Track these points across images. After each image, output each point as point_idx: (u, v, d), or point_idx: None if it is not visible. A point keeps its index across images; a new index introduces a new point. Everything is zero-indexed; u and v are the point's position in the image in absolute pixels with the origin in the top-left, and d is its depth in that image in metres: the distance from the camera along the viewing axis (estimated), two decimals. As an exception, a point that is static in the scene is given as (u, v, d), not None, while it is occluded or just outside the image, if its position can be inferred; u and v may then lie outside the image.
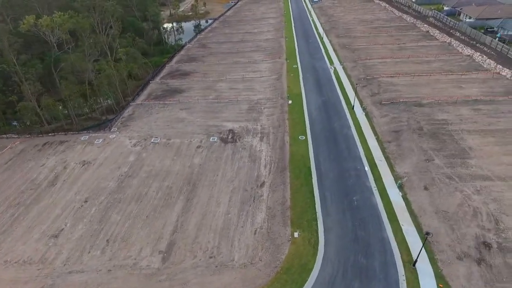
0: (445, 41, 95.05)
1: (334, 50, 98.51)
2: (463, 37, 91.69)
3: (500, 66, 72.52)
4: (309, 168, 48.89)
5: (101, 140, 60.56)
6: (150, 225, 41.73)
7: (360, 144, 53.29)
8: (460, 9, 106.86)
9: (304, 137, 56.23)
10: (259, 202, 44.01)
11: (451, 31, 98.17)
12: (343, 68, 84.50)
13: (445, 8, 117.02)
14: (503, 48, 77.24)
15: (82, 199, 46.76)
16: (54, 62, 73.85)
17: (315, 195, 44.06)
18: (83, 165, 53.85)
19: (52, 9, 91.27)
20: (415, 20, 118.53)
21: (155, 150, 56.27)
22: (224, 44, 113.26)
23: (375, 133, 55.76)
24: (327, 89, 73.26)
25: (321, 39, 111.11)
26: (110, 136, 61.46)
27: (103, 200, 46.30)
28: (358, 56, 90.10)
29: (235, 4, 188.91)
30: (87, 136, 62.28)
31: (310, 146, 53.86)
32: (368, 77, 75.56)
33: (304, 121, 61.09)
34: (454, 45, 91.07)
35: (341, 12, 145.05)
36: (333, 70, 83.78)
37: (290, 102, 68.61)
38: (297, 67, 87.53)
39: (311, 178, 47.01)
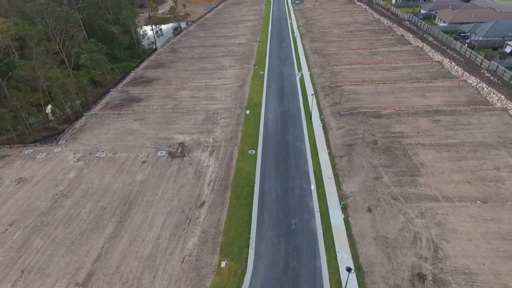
0: (418, 46, 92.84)
1: (305, 55, 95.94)
2: (435, 42, 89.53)
3: (467, 74, 70.31)
4: (252, 187, 46.21)
5: (44, 154, 57.45)
6: (73, 252, 38.82)
7: (311, 159, 50.72)
8: (435, 12, 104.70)
9: (254, 152, 53.55)
10: (194, 225, 41.27)
11: (424, 35, 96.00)
12: (310, 75, 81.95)
13: (422, 11, 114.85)
14: (471, 55, 75.08)
15: (8, 222, 43.73)
16: (1, 70, 70.39)
17: (252, 217, 41.39)
18: (18, 183, 50.76)
19: (2, 14, 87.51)
20: (391, 23, 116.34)
21: (98, 166, 53.27)
22: (195, 48, 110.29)
23: (329, 147, 53.23)
24: (289, 98, 70.63)
25: (295, 43, 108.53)
26: (54, 150, 58.36)
27: (30, 223, 43.31)
28: (327, 61, 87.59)
29: (216, 6, 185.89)
30: (32, 150, 59.17)
31: (258, 162, 51.20)
32: (332, 85, 73.02)
33: (258, 134, 58.41)
34: (426, 50, 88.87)
35: (320, 15, 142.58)
36: (299, 77, 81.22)
37: (248, 112, 65.88)
38: (264, 73, 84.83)
39: (253, 198, 44.34)
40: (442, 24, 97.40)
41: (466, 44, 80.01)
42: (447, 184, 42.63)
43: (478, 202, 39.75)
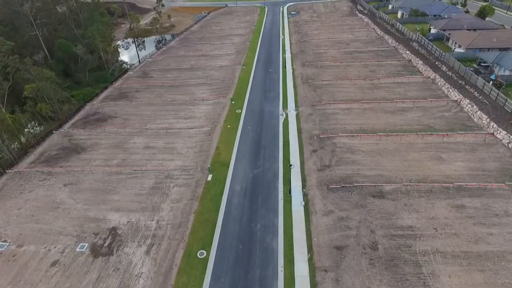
0: (429, 77, 77.35)
1: (294, 85, 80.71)
2: (450, 73, 74.02)
3: (495, 125, 54.86)
4: (190, 329, 31.15)
5: None
6: None
7: (281, 273, 35.54)
8: (449, 34, 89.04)
9: (204, 254, 38.41)
10: None
11: (436, 63, 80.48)
12: (297, 116, 66.77)
13: (432, 30, 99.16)
14: (498, 96, 59.66)
15: None
16: None
17: None
18: None
19: None
20: (397, 43, 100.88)
21: (-12, 270, 38.34)
22: (169, 72, 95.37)
23: (310, 248, 38.02)
24: (266, 155, 55.40)
25: (284, 66, 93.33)
26: None
27: None
28: (319, 97, 72.35)
29: (207, 15, 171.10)
30: None
31: (208, 275, 36.05)
32: (322, 136, 57.73)
33: (216, 219, 43.25)
34: (439, 84, 73.42)
35: (316, 30, 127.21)
36: (283, 119, 66.02)
37: (210, 177, 50.80)
38: (241, 112, 69.68)
39: None
40: (457, 50, 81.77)
41: (491, 82, 64.45)
42: None
43: None
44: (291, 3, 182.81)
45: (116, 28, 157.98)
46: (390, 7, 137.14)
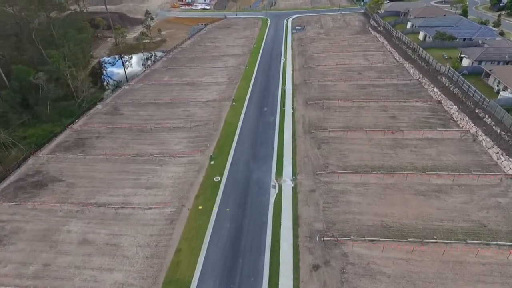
0: (468, 131, 59.70)
1: (293, 136, 63.55)
2: (498, 130, 56.18)
3: None
4: None
5: None
6: None
7: None
8: (491, 70, 70.91)
9: None
10: None
11: (476, 110, 62.67)
12: (294, 191, 49.62)
13: (466, 62, 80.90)
14: None
15: None
16: None
17: None
18: None
19: None
20: (421, 75, 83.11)
21: None
22: (144, 108, 78.90)
23: None
24: (246, 269, 38.24)
25: (283, 105, 76.17)
26: None
27: None
28: (324, 159, 55.13)
29: (204, 27, 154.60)
30: None
31: None
32: (327, 237, 40.42)
33: None
34: (484, 144, 55.76)
35: (323, 51, 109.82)
36: (275, 194, 48.93)
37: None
38: (220, 181, 52.64)
39: None
40: (505, 94, 63.57)
41: None
42: None
43: None
44: (297, 15, 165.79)
45: (101, 42, 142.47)
46: (408, 25, 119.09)
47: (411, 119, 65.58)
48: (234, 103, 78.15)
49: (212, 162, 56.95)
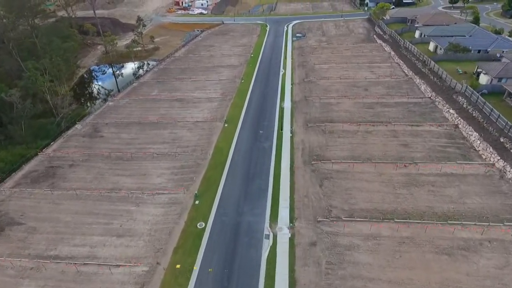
0: (493, 165, 51.70)
1: (292, 169, 55.52)
2: (529, 165, 48.21)
3: None
4: None
5: None
6: None
7: None
8: (514, 90, 63.13)
9: None
10: None
11: (501, 139, 54.66)
12: (291, 242, 41.64)
13: (484, 79, 72.78)
14: None
15: None
16: None
17: None
18: None
19: None
20: (433, 93, 75.19)
21: None
22: (128, 128, 71.27)
23: None
24: None
25: (280, 127, 68.26)
26: None
27: None
28: (327, 200, 47.28)
29: (200, 33, 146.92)
30: None
31: None
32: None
33: None
34: (513, 183, 47.74)
35: (325, 62, 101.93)
36: (269, 248, 40.98)
37: None
38: (204, 228, 44.71)
39: None
40: (533, 120, 55.61)
41: None
42: None
43: None
44: (297, 21, 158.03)
45: (91, 50, 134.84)
46: (417, 34, 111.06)
47: (425, 148, 57.60)
48: (226, 125, 70.33)
49: (197, 202, 49.06)
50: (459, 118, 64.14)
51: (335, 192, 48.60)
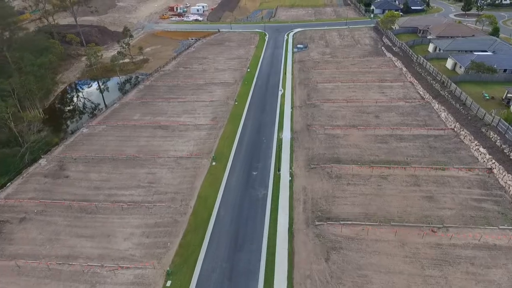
0: (546, 233, 40.69)
1: (291, 232, 44.70)
2: None
3: None
4: None
5: None
6: None
7: None
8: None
9: None
10: None
11: (552, 195, 43.67)
12: None
13: (516, 105, 62.29)
14: None
15: None
16: None
17: None
18: None
19: None
20: (458, 125, 64.24)
21: None
22: (98, 166, 60.57)
23: None
24: None
25: (278, 167, 57.44)
26: None
27: None
28: (338, 283, 36.46)
29: (192, 44, 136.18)
30: None
31: None
32: None
33: None
34: None
35: (329, 80, 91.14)
36: None
37: None
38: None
39: None
40: None
41: None
42: None
43: None
44: (299, 29, 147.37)
45: (74, 62, 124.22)
46: (431, 48, 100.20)
47: (456, 203, 46.73)
48: (214, 163, 59.58)
49: (169, 284, 38.22)
50: (493, 160, 53.20)
51: (345, 272, 37.77)
